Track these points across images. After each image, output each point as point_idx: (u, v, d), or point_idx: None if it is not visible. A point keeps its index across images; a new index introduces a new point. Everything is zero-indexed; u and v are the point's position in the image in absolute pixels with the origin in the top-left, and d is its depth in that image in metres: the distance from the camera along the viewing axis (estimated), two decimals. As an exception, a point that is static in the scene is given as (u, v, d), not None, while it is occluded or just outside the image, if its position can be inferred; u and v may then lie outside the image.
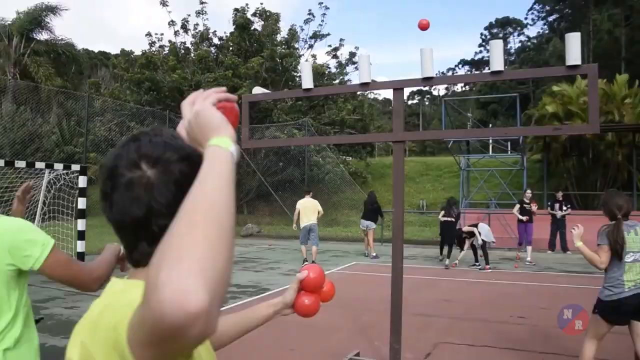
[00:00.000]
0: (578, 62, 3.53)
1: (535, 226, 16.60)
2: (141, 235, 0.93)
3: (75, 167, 10.95)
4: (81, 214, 10.94)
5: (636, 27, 48.49)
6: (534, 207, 13.61)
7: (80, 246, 10.80)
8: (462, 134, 7.82)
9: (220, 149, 0.82)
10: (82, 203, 10.88)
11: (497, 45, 3.62)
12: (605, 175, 20.69)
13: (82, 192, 10.87)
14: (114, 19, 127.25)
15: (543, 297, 8.80)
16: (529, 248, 13.36)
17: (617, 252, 4.31)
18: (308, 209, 12.09)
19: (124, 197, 0.90)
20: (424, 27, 4.62)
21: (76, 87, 29.73)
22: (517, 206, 13.74)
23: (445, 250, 12.73)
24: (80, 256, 10.80)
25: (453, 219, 12.75)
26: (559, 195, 15.53)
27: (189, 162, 0.92)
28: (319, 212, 12.23)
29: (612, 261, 4.40)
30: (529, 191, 13.95)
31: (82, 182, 10.84)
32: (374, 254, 13.92)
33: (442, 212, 12.93)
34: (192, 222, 0.68)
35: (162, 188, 0.90)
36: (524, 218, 13.42)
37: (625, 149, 20.07)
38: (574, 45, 3.54)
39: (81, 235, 10.85)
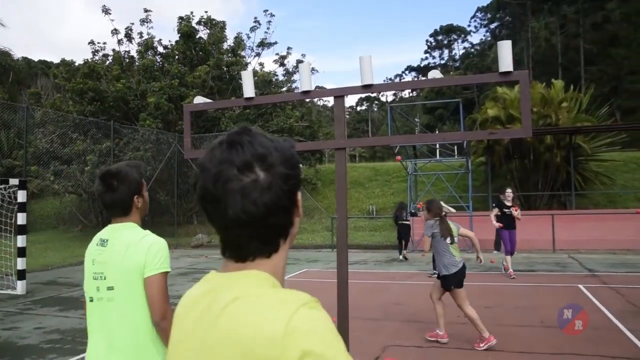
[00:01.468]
0: (510, 68, 3.65)
1: (480, 228, 17.03)
2: (254, 234, 0.97)
3: (14, 181, 10.51)
4: (21, 229, 10.53)
5: (570, 35, 50.67)
6: (517, 213, 10.96)
7: (21, 263, 10.39)
8: (402, 139, 7.95)
9: None
10: (21, 218, 10.47)
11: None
12: (546, 176, 21.47)
13: (22, 207, 10.47)
14: (54, 27, 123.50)
15: (488, 296, 9.04)
16: (509, 258, 11.19)
17: (449, 237, 6.08)
18: None
19: (240, 200, 0.93)
20: None
21: (14, 98, 28.65)
22: (495, 210, 11.26)
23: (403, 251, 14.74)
24: (22, 274, 10.39)
25: (409, 222, 15.08)
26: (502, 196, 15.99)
27: (290, 162, 1.00)
28: None
29: (444, 247, 6.10)
30: (509, 190, 11.19)
31: (22, 196, 10.44)
32: None
33: (402, 215, 14.92)
34: None
35: (274, 189, 0.95)
36: (498, 225, 11.05)
37: (563, 150, 20.90)
38: (506, 53, 3.67)
39: (21, 252, 10.43)
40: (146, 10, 26.44)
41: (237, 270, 0.99)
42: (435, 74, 4.04)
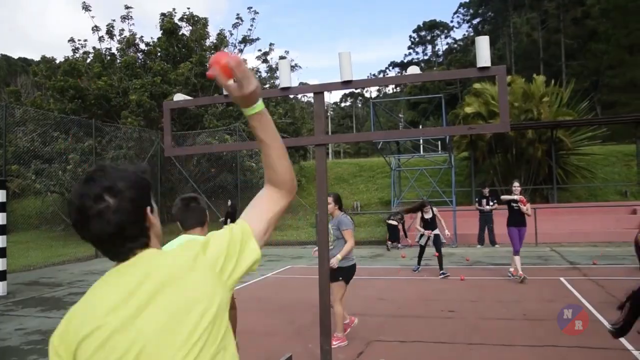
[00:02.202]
0: (488, 63, 3.69)
1: (463, 222, 17.19)
2: (117, 243, 1.27)
3: (-7, 180, 10.36)
4: (1, 229, 10.39)
5: (551, 30, 51.14)
6: (526, 208, 9.81)
7: (1, 264, 10.26)
8: (383, 135, 7.97)
9: (264, 112, 1.44)
10: (1, 218, 10.33)
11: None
12: (529, 170, 21.68)
13: (2, 207, 10.32)
14: (34, 24, 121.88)
15: (473, 291, 9.12)
16: (517, 259, 9.92)
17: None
18: None
19: (98, 222, 1.23)
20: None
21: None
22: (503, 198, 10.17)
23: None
24: (2, 274, 10.27)
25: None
26: (486, 191, 16.14)
27: (137, 188, 1.30)
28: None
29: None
30: (516, 184, 10.02)
31: (1, 196, 10.29)
32: None
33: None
34: (283, 148, 1.47)
35: (122, 210, 1.24)
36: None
37: (545, 145, 21.11)
38: (483, 48, 3.70)
39: (1, 253, 10.30)
40: (127, 7, 26.20)
41: (130, 260, 1.29)
42: (414, 69, 4.07)
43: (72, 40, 26.15)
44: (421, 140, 23.69)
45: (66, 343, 1.21)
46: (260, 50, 29.67)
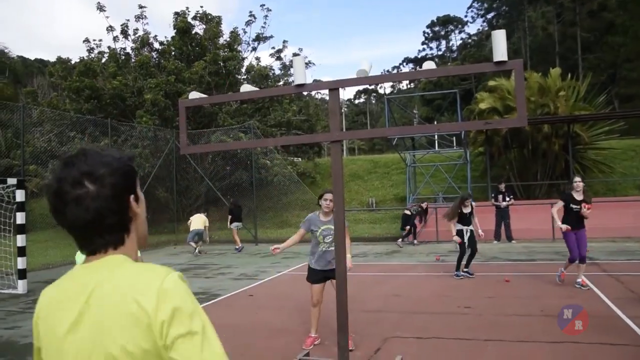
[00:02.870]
0: (505, 58, 3.64)
1: (480, 218, 17.02)
2: (94, 232, 1.21)
3: (12, 180, 10.50)
4: (20, 229, 10.53)
5: (567, 23, 50.55)
6: (587, 211, 8.46)
7: (21, 263, 10.40)
8: (398, 131, 7.94)
9: None
10: (20, 218, 10.47)
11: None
12: (545, 165, 21.47)
13: (21, 207, 10.46)
14: (49, 25, 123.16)
15: (489, 287, 9.06)
16: (583, 267, 8.63)
17: None
18: (198, 221, 16.59)
19: (75, 208, 1.17)
20: None
21: (13, 97, 28.54)
22: (559, 204, 8.65)
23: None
24: (22, 273, 10.40)
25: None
26: (502, 186, 16.00)
27: (120, 174, 1.22)
28: (206, 226, 16.68)
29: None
30: (578, 179, 8.78)
31: (20, 196, 10.43)
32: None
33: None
34: None
35: (102, 197, 1.18)
36: (565, 227, 8.44)
37: (561, 139, 20.88)
38: (500, 42, 3.65)
39: (21, 252, 10.43)
40: (141, 7, 26.36)
41: (97, 260, 1.22)
42: (429, 64, 4.04)
43: (87, 40, 26.41)
44: (436, 136, 23.58)
45: (33, 321, 1.29)
46: (273, 47, 29.58)
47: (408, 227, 16.45)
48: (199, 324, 1.13)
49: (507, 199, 15.64)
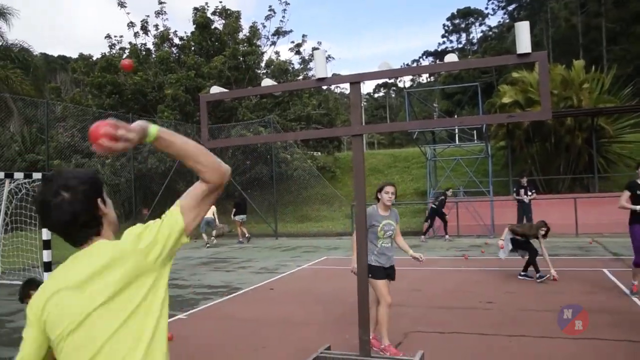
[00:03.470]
0: (528, 50, 3.59)
1: (501, 212, 16.88)
2: (74, 229, 1.59)
3: (37, 175, 10.65)
4: (45, 222, 10.68)
5: (591, 14, 49.62)
6: None
7: (47, 255, 10.53)
8: (419, 125, 7.87)
9: (160, 134, 1.59)
10: (45, 211, 10.61)
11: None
12: (568, 159, 21.15)
13: (45, 201, 10.61)
14: (71, 22, 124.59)
15: (511, 282, 8.97)
16: None
17: None
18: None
19: (56, 212, 1.55)
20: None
21: (35, 94, 28.96)
22: (626, 194, 7.50)
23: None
24: (47, 266, 10.56)
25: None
26: (524, 180, 15.82)
27: (87, 183, 1.59)
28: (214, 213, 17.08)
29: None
30: None
31: (45, 190, 10.58)
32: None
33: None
34: (203, 150, 1.63)
35: (75, 202, 1.55)
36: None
37: (585, 132, 20.53)
38: (523, 34, 3.60)
39: (47, 245, 10.57)
40: (161, 2, 26.52)
41: (87, 246, 1.61)
42: (452, 57, 3.99)
43: (108, 36, 26.69)
44: (456, 130, 23.37)
45: (34, 309, 1.58)
46: (292, 42, 29.56)
47: (428, 222, 16.41)
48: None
49: (529, 193, 15.45)
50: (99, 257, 1.55)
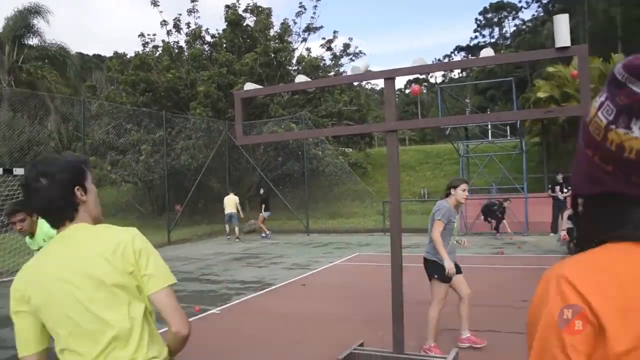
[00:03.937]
0: (567, 43, 3.51)
1: (536, 210, 16.57)
2: (51, 212, 1.75)
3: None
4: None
5: (631, 5, 48.22)
6: None
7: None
8: (454, 120, 7.77)
9: None
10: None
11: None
12: (605, 155, 20.63)
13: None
14: (106, 22, 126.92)
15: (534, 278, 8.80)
16: None
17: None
18: (230, 202, 17.38)
19: (36, 196, 1.71)
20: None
21: (71, 92, 29.62)
22: None
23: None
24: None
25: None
26: (559, 177, 15.51)
27: (66, 171, 1.72)
28: (237, 205, 17.35)
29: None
30: None
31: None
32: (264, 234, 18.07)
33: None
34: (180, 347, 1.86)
35: (51, 188, 1.69)
36: None
37: (623, 128, 20.01)
38: (563, 27, 3.52)
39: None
40: (193, 0, 26.79)
41: (63, 228, 1.75)
42: (487, 52, 3.93)
43: (142, 35, 27.07)
44: (489, 126, 23.03)
45: (20, 290, 1.70)
46: (324, 38, 29.48)
47: (489, 220, 16.22)
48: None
49: (565, 190, 15.13)
50: (78, 243, 1.71)
